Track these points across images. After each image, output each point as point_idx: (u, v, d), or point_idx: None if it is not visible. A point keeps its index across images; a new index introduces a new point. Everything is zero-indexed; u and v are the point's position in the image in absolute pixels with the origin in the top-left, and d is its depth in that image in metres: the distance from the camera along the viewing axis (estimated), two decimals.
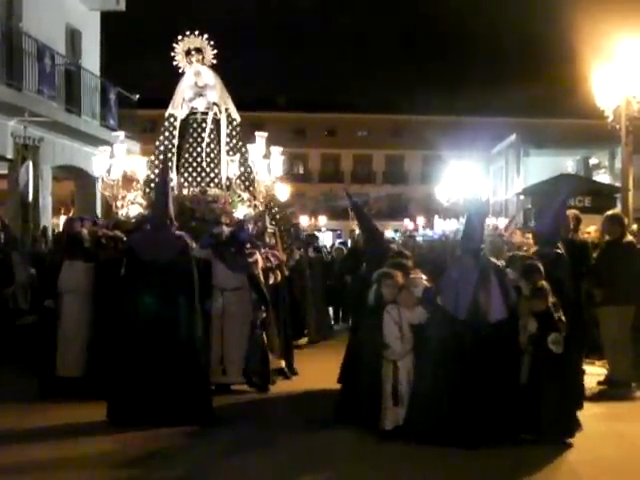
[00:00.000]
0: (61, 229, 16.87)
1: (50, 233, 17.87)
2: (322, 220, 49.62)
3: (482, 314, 7.73)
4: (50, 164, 20.40)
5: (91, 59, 23.79)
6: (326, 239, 38.93)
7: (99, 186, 23.53)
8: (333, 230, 50.26)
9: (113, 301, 9.08)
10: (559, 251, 9.12)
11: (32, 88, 18.42)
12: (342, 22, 77.69)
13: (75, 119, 20.97)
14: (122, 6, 24.29)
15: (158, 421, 8.22)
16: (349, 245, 21.81)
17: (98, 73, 23.83)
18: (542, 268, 8.15)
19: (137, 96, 24.87)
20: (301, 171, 60.45)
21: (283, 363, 10.89)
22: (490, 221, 14.90)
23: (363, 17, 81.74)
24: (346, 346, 9.16)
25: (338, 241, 30.45)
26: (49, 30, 20.18)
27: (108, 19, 24.97)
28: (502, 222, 18.35)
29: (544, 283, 8.01)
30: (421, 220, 39.52)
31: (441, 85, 65.36)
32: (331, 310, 18.17)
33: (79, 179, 23.44)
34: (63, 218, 22.00)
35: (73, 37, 23.09)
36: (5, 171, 18.75)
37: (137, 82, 28.42)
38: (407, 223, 26.60)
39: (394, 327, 7.85)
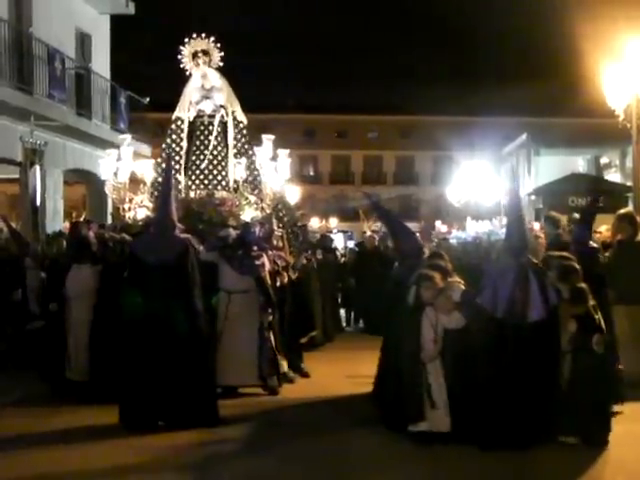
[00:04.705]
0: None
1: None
2: (333, 222, 49.56)
3: (520, 314, 7.67)
4: (61, 168, 20.47)
5: (101, 62, 23.86)
6: (337, 241, 38.83)
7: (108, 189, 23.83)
8: (344, 232, 50.14)
9: (116, 304, 9.06)
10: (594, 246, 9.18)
11: (43, 92, 18.47)
12: (351, 23, 77.72)
13: (86, 123, 21.03)
14: (131, 9, 24.37)
15: (166, 423, 8.29)
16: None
17: (108, 76, 23.89)
18: (579, 268, 8.05)
19: (147, 99, 24.92)
20: (311, 173, 60.49)
21: (285, 366, 10.75)
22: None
23: (372, 18, 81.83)
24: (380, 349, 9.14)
25: (351, 242, 30.24)
26: (59, 34, 20.26)
27: (118, 22, 25.03)
28: None
29: (583, 285, 7.92)
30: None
31: (451, 85, 65.43)
32: (343, 312, 18.15)
33: (90, 183, 23.51)
34: None
35: (83, 41, 23.16)
36: (17, 175, 18.81)
37: (147, 85, 28.48)
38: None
39: (431, 330, 7.75)
